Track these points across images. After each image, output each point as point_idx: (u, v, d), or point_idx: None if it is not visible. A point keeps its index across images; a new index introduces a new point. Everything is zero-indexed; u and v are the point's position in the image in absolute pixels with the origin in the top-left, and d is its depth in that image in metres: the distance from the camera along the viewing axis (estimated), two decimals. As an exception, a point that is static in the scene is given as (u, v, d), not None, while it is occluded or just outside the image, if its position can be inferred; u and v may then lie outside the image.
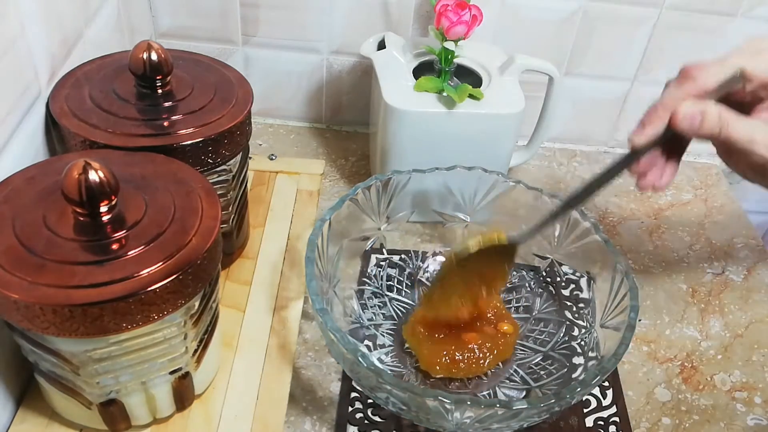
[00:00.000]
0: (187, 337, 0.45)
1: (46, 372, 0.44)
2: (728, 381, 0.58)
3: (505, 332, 0.55)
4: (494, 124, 0.63)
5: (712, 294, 0.66)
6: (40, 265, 0.39)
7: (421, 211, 0.63)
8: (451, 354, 0.53)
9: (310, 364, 0.56)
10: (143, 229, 0.42)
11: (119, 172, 0.42)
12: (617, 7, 0.72)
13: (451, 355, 0.53)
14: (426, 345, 0.54)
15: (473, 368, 0.53)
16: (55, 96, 0.51)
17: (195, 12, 0.73)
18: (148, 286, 0.39)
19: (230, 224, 0.58)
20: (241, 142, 0.54)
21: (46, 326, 0.38)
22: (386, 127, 0.63)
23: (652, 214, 0.75)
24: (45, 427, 0.48)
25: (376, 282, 0.61)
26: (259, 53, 0.77)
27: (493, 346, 0.54)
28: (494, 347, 0.54)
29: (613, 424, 0.53)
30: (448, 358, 0.53)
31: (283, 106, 0.81)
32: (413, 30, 0.74)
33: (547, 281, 0.61)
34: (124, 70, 0.52)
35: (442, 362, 0.53)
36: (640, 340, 0.61)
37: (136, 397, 0.46)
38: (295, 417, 0.52)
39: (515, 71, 0.65)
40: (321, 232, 0.52)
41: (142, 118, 0.50)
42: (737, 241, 0.73)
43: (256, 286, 0.60)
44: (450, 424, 0.44)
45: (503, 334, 0.55)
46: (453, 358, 0.53)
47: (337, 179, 0.75)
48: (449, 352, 0.53)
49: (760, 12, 0.72)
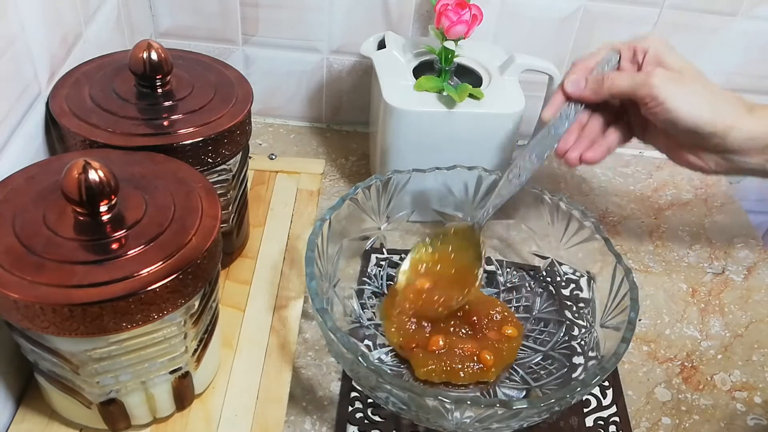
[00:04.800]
0: (187, 336, 0.45)
1: (46, 371, 0.44)
2: (728, 381, 0.58)
3: (509, 336, 0.55)
4: (494, 124, 0.63)
5: (712, 294, 0.66)
6: (39, 264, 0.39)
7: (421, 211, 0.63)
8: (449, 366, 0.52)
9: (310, 363, 0.56)
10: (143, 228, 0.42)
11: (119, 171, 0.42)
12: (617, 7, 0.72)
13: (449, 367, 0.52)
14: (421, 360, 0.53)
15: (477, 376, 0.53)
16: (54, 95, 0.51)
17: (195, 11, 0.73)
18: (148, 286, 0.39)
19: (230, 224, 0.58)
20: (241, 142, 0.54)
21: (46, 326, 0.38)
22: (386, 127, 0.63)
23: (652, 214, 0.75)
24: (45, 426, 0.48)
25: (376, 281, 0.61)
26: (259, 53, 0.77)
27: (497, 356, 0.53)
28: (498, 355, 0.53)
29: (613, 424, 0.53)
30: (446, 369, 0.52)
31: (283, 106, 0.81)
32: (413, 29, 0.74)
33: (547, 281, 0.61)
34: (124, 69, 0.52)
35: (438, 371, 0.52)
36: (640, 339, 0.61)
37: (136, 397, 0.46)
38: (295, 417, 0.52)
39: (515, 71, 0.65)
40: (321, 231, 0.52)
41: (142, 118, 0.50)
42: (737, 241, 0.73)
43: (256, 286, 0.60)
44: (450, 423, 0.44)
45: (507, 338, 0.54)
46: (451, 368, 0.52)
47: (337, 179, 0.75)
48: (446, 364, 0.52)
49: (760, 12, 0.72)
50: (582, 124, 0.57)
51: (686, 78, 0.53)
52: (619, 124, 0.57)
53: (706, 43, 0.75)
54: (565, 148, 0.56)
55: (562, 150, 0.56)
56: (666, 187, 0.79)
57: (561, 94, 0.56)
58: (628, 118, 0.58)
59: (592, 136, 0.57)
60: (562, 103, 0.56)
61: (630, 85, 0.53)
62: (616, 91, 0.54)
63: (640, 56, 0.56)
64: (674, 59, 0.55)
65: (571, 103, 0.56)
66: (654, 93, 0.52)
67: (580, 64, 0.57)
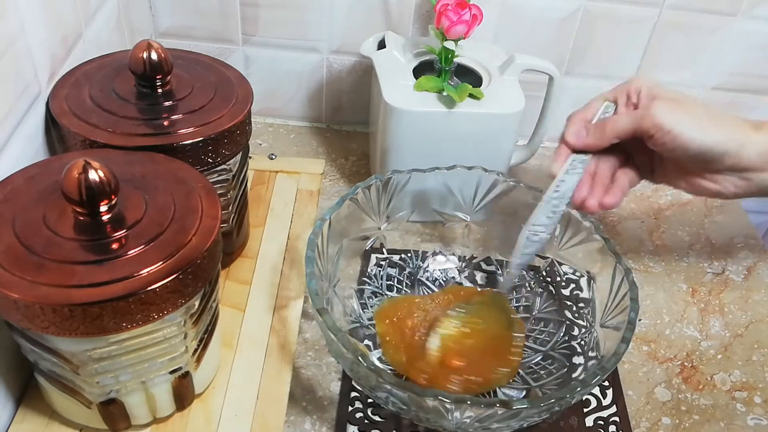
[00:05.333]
0: (187, 336, 0.45)
1: (46, 371, 0.44)
2: (728, 381, 0.58)
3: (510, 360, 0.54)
4: (494, 124, 0.63)
5: (712, 294, 0.66)
6: (39, 264, 0.39)
7: (421, 211, 0.63)
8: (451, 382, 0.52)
9: (310, 363, 0.56)
10: (143, 228, 0.42)
11: (119, 171, 0.42)
12: (617, 7, 0.72)
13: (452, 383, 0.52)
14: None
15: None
16: (54, 95, 0.51)
17: (195, 11, 0.73)
18: (148, 286, 0.39)
19: (230, 224, 0.58)
20: (241, 142, 0.54)
21: (46, 326, 0.38)
22: (386, 127, 0.63)
23: (652, 214, 0.75)
24: (45, 426, 0.48)
25: (376, 281, 0.61)
26: (259, 53, 0.77)
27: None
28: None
29: (613, 424, 0.53)
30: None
31: (283, 106, 0.81)
32: (413, 29, 0.74)
33: (547, 281, 0.61)
34: (124, 69, 0.52)
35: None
36: (640, 339, 0.61)
37: (136, 397, 0.46)
38: (295, 416, 0.52)
39: (515, 71, 0.65)
40: (321, 231, 0.52)
41: (142, 118, 0.50)
42: (737, 241, 0.73)
43: (256, 286, 0.60)
44: (450, 423, 0.44)
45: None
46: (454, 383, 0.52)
47: (337, 179, 0.75)
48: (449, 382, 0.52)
49: (760, 12, 0.72)
50: (591, 173, 0.56)
51: (685, 104, 0.53)
52: (627, 168, 0.56)
53: (706, 43, 0.75)
54: (582, 197, 0.55)
55: (578, 200, 0.55)
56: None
57: (564, 147, 0.55)
58: (634, 162, 0.57)
59: (604, 182, 0.56)
60: (568, 155, 0.55)
61: (632, 122, 0.52)
62: (619, 131, 0.53)
63: (634, 97, 0.55)
64: (667, 92, 0.54)
65: (577, 155, 0.55)
66: (658, 123, 0.51)
67: (577, 115, 0.56)
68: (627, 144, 0.55)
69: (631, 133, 0.53)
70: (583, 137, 0.55)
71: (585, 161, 0.55)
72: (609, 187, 0.56)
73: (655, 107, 0.52)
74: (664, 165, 0.56)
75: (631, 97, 0.55)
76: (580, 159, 0.55)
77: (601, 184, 0.56)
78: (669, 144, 0.52)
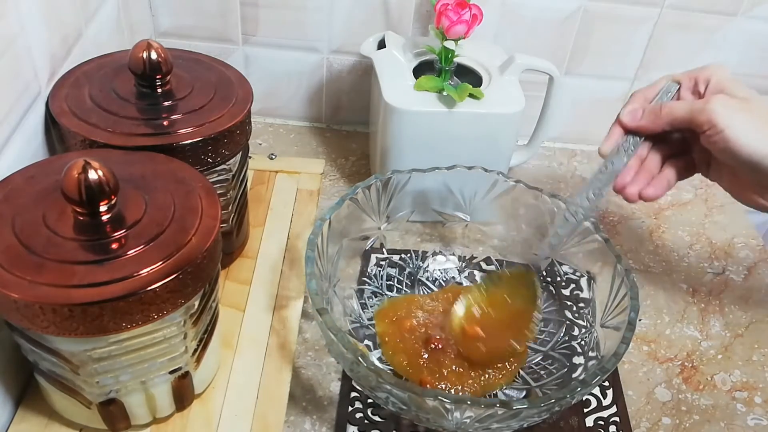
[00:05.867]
0: (187, 336, 0.45)
1: (46, 371, 0.44)
2: (728, 381, 0.58)
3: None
4: (494, 124, 0.63)
5: (712, 294, 0.66)
6: (39, 264, 0.38)
7: (421, 211, 0.62)
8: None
9: (310, 363, 0.56)
10: (143, 228, 0.42)
11: (119, 171, 0.42)
12: (617, 7, 0.72)
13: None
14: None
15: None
16: (54, 95, 0.51)
17: (195, 11, 0.73)
18: (148, 286, 0.39)
19: (230, 224, 0.58)
20: (241, 142, 0.54)
21: (46, 326, 0.38)
22: (386, 127, 0.63)
23: (652, 214, 0.75)
24: (45, 426, 0.48)
25: (376, 281, 0.61)
26: (259, 53, 0.77)
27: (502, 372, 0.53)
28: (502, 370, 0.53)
29: (613, 424, 0.53)
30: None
31: (283, 106, 0.81)
32: (413, 29, 0.74)
33: (547, 281, 0.61)
34: (123, 69, 0.52)
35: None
36: (640, 339, 0.61)
37: (136, 397, 0.46)
38: (295, 417, 0.52)
39: (515, 70, 0.65)
40: (321, 231, 0.52)
41: (142, 118, 0.50)
42: (737, 241, 0.73)
43: (255, 286, 0.60)
44: (450, 423, 0.44)
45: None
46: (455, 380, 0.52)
47: (337, 179, 0.75)
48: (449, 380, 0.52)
49: (760, 12, 0.72)
50: (641, 158, 0.54)
51: (751, 106, 0.49)
52: (681, 159, 0.54)
53: (706, 43, 0.75)
54: (624, 183, 0.53)
55: (620, 185, 0.53)
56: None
57: (618, 126, 0.53)
58: (692, 153, 0.54)
59: (652, 170, 0.54)
60: (620, 136, 0.53)
61: (689, 112, 0.49)
62: (673, 119, 0.50)
63: (701, 86, 0.52)
64: (739, 87, 0.50)
65: (629, 136, 0.53)
66: (713, 119, 0.48)
67: (639, 94, 0.54)
68: (687, 132, 0.52)
69: (686, 123, 0.50)
70: (637, 118, 0.52)
71: (636, 144, 0.52)
72: (655, 176, 0.53)
73: (715, 101, 0.48)
74: (719, 166, 0.53)
75: (699, 84, 0.52)
76: (632, 141, 0.52)
77: (647, 172, 0.53)
78: (720, 144, 0.48)
